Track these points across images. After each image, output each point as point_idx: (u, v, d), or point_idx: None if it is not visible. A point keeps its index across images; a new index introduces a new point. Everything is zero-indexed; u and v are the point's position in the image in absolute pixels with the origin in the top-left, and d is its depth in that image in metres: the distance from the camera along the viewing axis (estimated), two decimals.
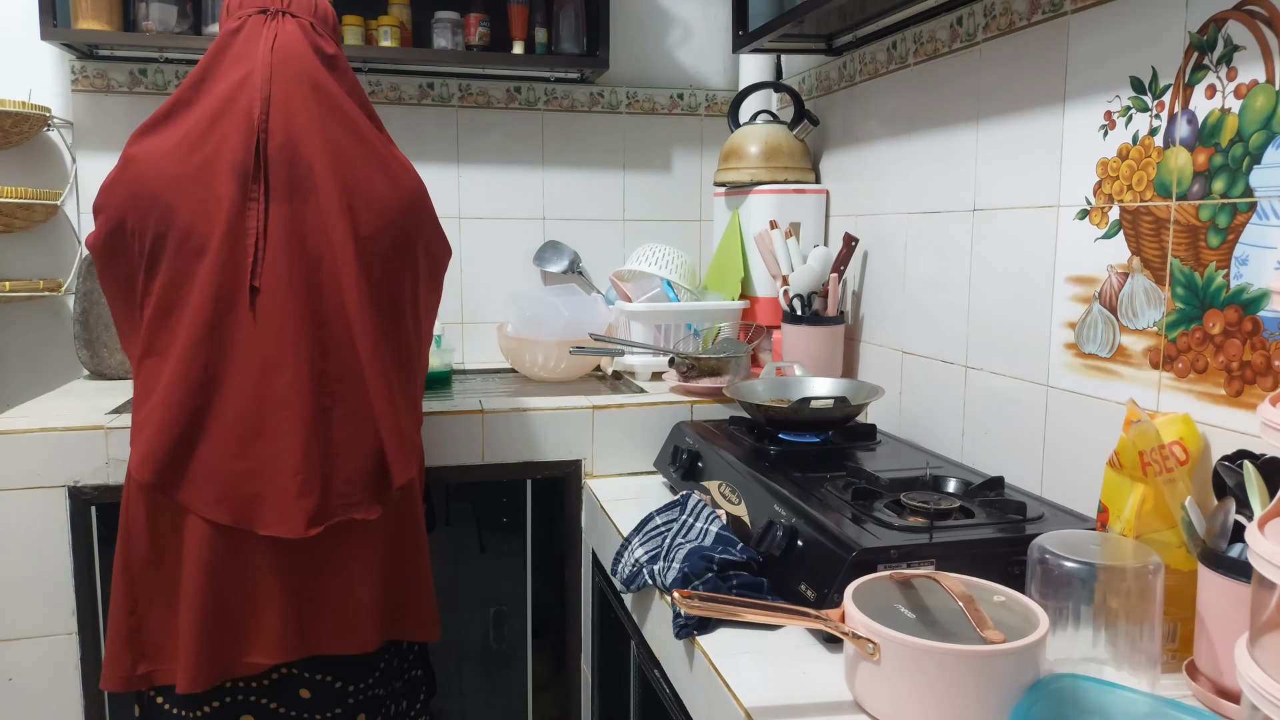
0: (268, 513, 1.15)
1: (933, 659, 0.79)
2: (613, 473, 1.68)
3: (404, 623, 1.29)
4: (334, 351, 1.18)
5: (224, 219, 1.15)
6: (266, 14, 1.24)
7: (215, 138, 1.18)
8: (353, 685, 1.28)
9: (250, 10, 1.25)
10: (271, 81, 1.19)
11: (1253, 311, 0.96)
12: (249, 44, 1.23)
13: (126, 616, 1.20)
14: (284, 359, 1.15)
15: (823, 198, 1.93)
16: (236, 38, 1.24)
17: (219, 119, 1.18)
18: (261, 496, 1.15)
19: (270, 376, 1.15)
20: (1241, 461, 0.85)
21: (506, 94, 2.16)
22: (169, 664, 1.20)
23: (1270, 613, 0.65)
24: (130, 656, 1.20)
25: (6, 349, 1.98)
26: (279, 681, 1.24)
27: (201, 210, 1.16)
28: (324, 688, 1.26)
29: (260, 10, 1.24)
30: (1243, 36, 0.97)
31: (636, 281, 2.09)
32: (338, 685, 1.27)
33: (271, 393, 1.15)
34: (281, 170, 1.17)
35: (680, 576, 1.09)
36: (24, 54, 1.92)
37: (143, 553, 1.19)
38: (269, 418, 1.15)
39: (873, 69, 1.73)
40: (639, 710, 1.35)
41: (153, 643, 1.20)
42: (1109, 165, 1.15)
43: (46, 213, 1.92)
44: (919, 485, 1.23)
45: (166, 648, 1.20)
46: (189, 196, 1.16)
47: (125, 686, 1.21)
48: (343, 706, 1.28)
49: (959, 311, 1.46)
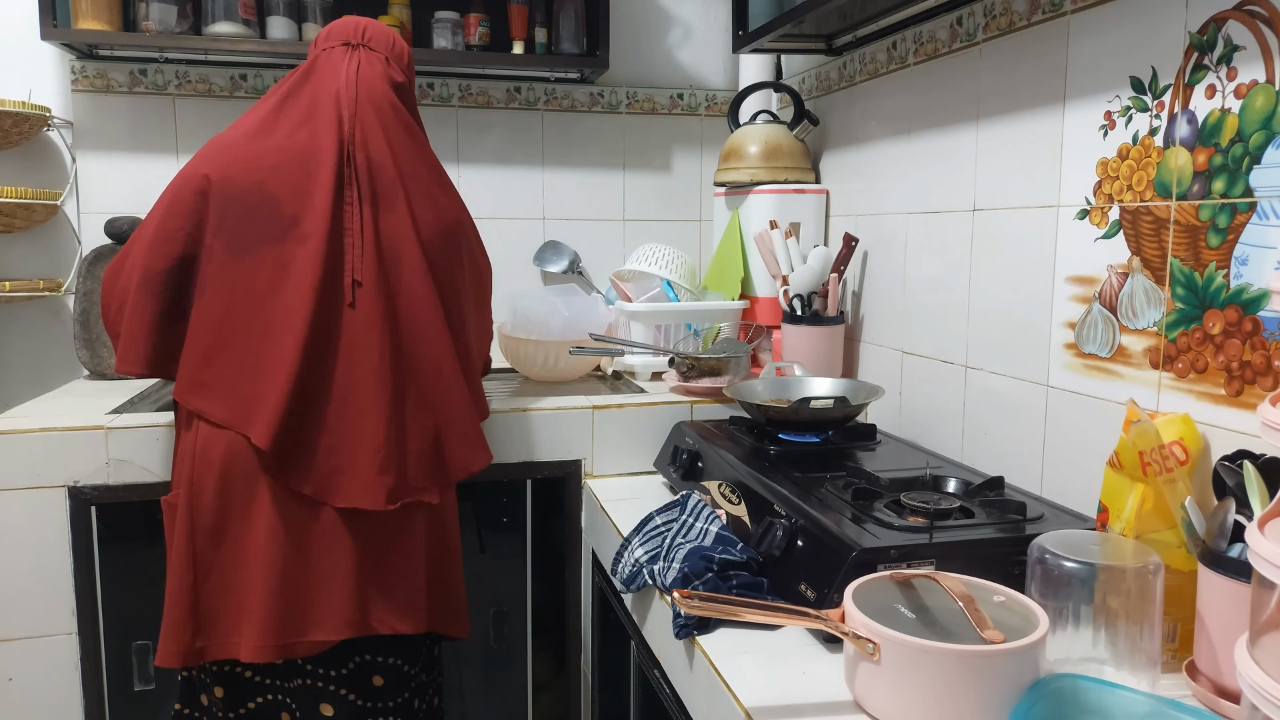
0: (347, 485, 1.23)
1: (933, 659, 0.79)
2: (613, 473, 1.68)
3: (441, 616, 1.36)
4: (408, 345, 1.29)
5: (325, 214, 1.26)
6: (349, 46, 1.39)
7: (311, 142, 1.29)
8: (412, 669, 1.36)
9: (335, 42, 1.40)
10: (357, 102, 1.33)
11: (1253, 311, 0.96)
12: (334, 68, 1.36)
13: (190, 589, 1.23)
14: (371, 346, 1.26)
15: (823, 198, 1.93)
16: (319, 64, 1.38)
17: (314, 130, 1.31)
18: (342, 470, 1.24)
19: (359, 361, 1.25)
20: (1241, 461, 0.85)
21: (506, 94, 2.16)
22: (225, 638, 1.23)
23: (1270, 613, 0.65)
24: (190, 630, 1.23)
25: (6, 349, 1.98)
26: (355, 670, 1.31)
27: (305, 201, 1.26)
28: (394, 672, 1.33)
29: (344, 43, 1.39)
30: (1243, 36, 0.97)
31: (636, 281, 2.09)
32: (405, 669, 1.34)
33: (360, 375, 1.25)
34: (367, 180, 1.30)
35: (680, 576, 1.09)
36: (24, 54, 1.92)
37: (208, 525, 1.23)
38: (355, 398, 1.25)
39: (873, 69, 1.73)
40: (639, 710, 1.35)
41: (209, 616, 1.24)
42: (1109, 165, 1.15)
43: (46, 213, 1.92)
44: (919, 485, 1.22)
45: (221, 622, 1.24)
46: (292, 185, 1.27)
47: (183, 662, 1.23)
48: (408, 691, 1.35)
49: (959, 311, 1.46)
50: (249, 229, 1.25)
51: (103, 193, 1.97)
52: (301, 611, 1.23)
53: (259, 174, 1.27)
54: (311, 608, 1.24)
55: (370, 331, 1.26)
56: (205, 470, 1.23)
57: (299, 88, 1.36)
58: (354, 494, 1.23)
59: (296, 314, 1.22)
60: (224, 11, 1.89)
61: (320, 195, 1.26)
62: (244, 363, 1.24)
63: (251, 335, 1.24)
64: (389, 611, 1.28)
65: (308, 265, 1.24)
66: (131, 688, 1.52)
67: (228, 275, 1.25)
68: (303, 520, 1.23)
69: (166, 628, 1.23)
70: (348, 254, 1.27)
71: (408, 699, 1.36)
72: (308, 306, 1.23)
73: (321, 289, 1.24)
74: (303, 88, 1.36)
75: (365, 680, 1.32)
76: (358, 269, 1.27)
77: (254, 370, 1.23)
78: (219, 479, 1.22)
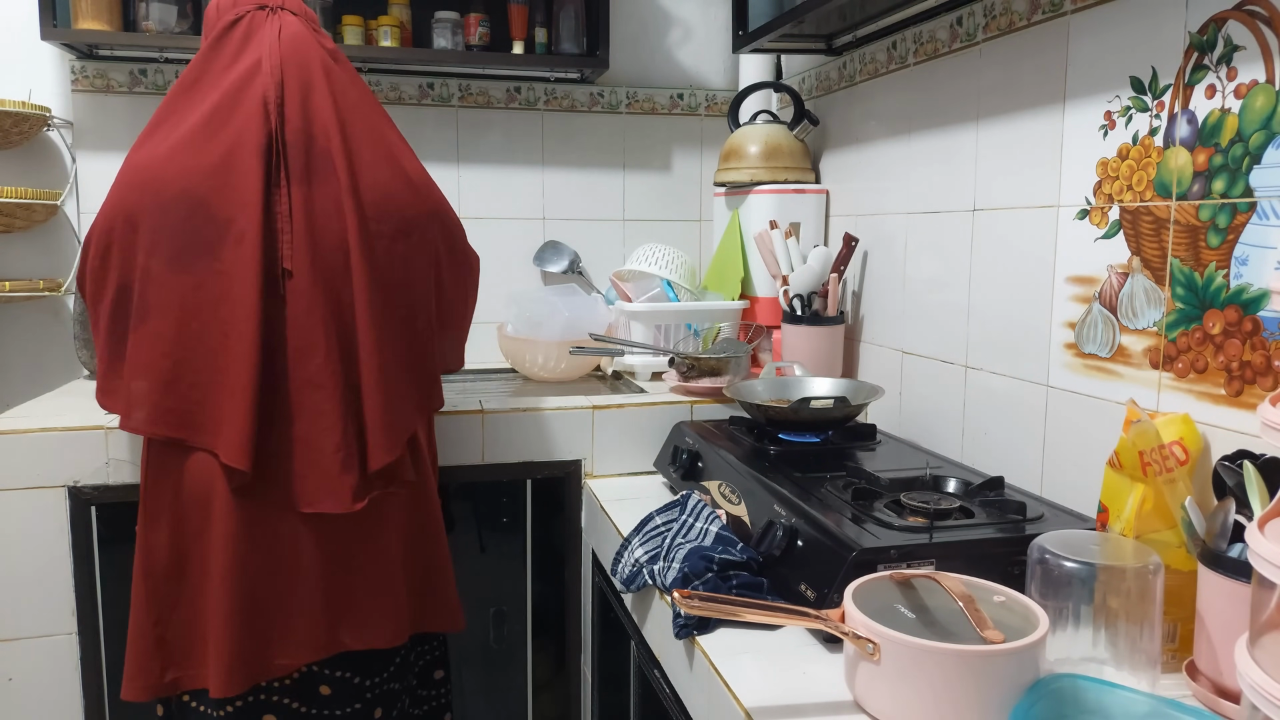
0: (311, 490, 1.17)
1: (933, 659, 0.79)
2: (613, 473, 1.68)
3: (428, 614, 1.31)
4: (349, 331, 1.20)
5: (256, 204, 1.16)
6: (266, 9, 1.25)
7: (234, 126, 1.19)
8: (369, 680, 1.29)
9: (248, 7, 1.25)
10: (283, 67, 1.20)
11: (1253, 311, 0.96)
12: (252, 36, 1.23)
13: (152, 626, 1.20)
14: (316, 340, 1.17)
15: (823, 198, 1.93)
16: (234, 31, 1.24)
17: (234, 108, 1.19)
18: (304, 475, 1.17)
19: (305, 358, 1.17)
20: (1241, 461, 0.85)
21: (506, 94, 2.16)
22: (197, 669, 1.20)
23: (1270, 613, 0.65)
24: (158, 665, 1.20)
25: (6, 349, 1.98)
26: (300, 680, 1.25)
27: (235, 198, 1.17)
28: (343, 684, 1.27)
29: (259, 6, 1.25)
30: (1243, 36, 0.97)
31: (636, 281, 2.09)
32: (356, 680, 1.28)
33: (307, 374, 1.17)
34: (299, 154, 1.19)
35: (680, 576, 1.09)
36: (24, 54, 1.92)
37: (164, 557, 1.19)
38: (307, 398, 1.17)
39: (873, 69, 1.73)
40: (639, 710, 1.35)
41: (179, 649, 1.20)
42: (1109, 165, 1.15)
43: (46, 213, 1.92)
44: (919, 485, 1.22)
45: (193, 653, 1.20)
46: (219, 185, 1.17)
47: (151, 695, 1.21)
48: (361, 701, 1.28)
49: (959, 311, 1.46)
50: (184, 241, 1.16)
51: (102, 193, 1.94)
52: (267, 638, 1.18)
53: (182, 181, 1.17)
54: (278, 632, 1.19)
55: (312, 325, 1.17)
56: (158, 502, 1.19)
57: (210, 64, 1.24)
58: (319, 498, 1.17)
59: (245, 321, 1.15)
60: None
61: (249, 186, 1.16)
62: (203, 380, 1.17)
63: (207, 351, 1.16)
64: (359, 628, 1.22)
65: (247, 267, 1.15)
66: None
67: (173, 293, 1.17)
68: (263, 537, 1.17)
69: (132, 663, 1.20)
70: (279, 241, 1.17)
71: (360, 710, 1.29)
72: (254, 312, 1.14)
73: (265, 289, 1.16)
74: (217, 64, 1.23)
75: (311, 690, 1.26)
76: (287, 257, 1.17)
77: (215, 387, 1.16)
78: (172, 510, 1.18)
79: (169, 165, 1.19)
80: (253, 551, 1.17)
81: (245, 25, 1.25)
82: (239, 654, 1.16)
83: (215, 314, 1.16)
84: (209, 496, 1.17)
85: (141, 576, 1.20)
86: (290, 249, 1.17)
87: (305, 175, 1.19)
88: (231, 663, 1.16)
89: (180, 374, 1.17)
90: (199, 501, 1.17)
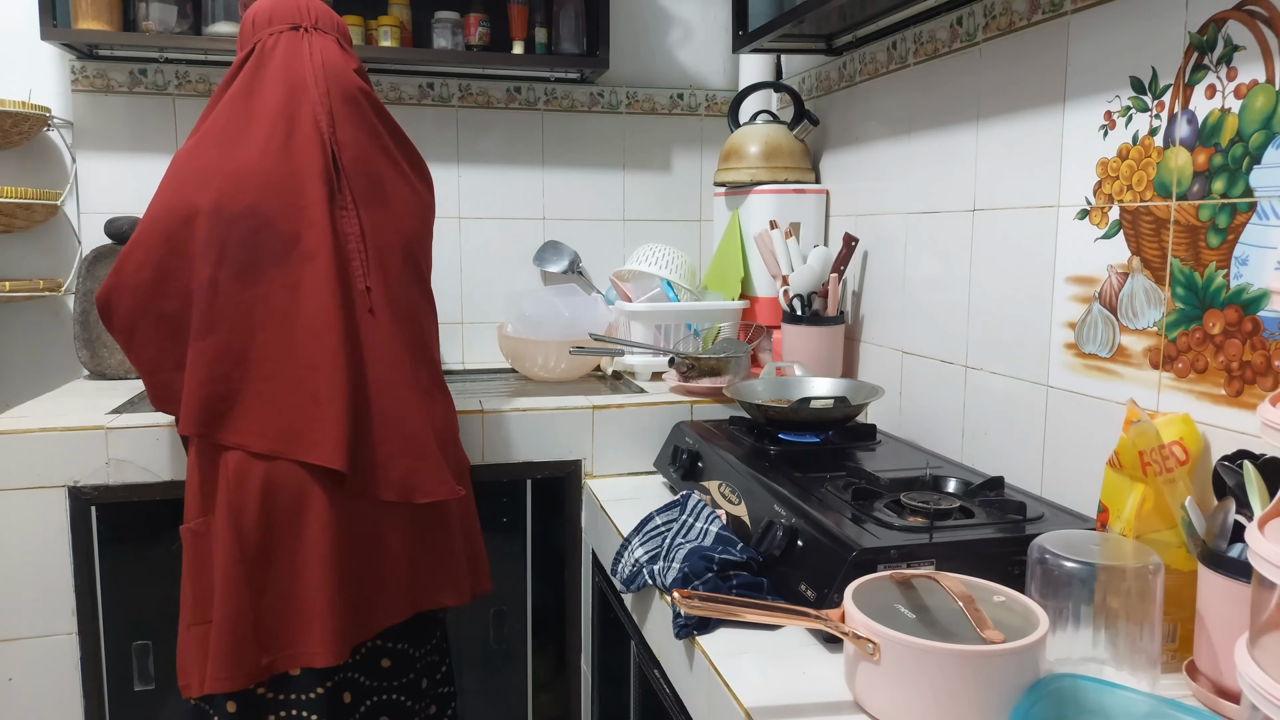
0: (426, 483, 1.28)
1: (933, 659, 0.79)
2: (613, 473, 1.68)
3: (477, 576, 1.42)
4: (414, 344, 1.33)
5: (325, 226, 1.24)
6: (299, 30, 1.31)
7: (293, 151, 1.25)
8: (419, 649, 1.39)
9: (281, 27, 1.31)
10: (330, 97, 1.28)
11: (1253, 311, 0.96)
12: (290, 58, 1.29)
13: (247, 611, 1.23)
14: (400, 350, 1.30)
15: (823, 198, 1.93)
16: (275, 53, 1.30)
17: (291, 135, 1.26)
18: (416, 471, 1.28)
19: (393, 365, 1.29)
20: (1241, 461, 0.85)
21: (506, 94, 2.16)
22: (294, 649, 1.24)
23: (1270, 613, 0.65)
24: (255, 650, 1.23)
25: (6, 349, 1.98)
26: (366, 655, 1.33)
27: (300, 216, 1.24)
28: (401, 655, 1.37)
29: (292, 26, 1.31)
30: (1243, 36, 0.97)
31: (636, 281, 2.09)
32: (410, 651, 1.37)
33: (399, 380, 1.29)
34: (359, 179, 1.29)
35: (680, 576, 1.09)
36: (24, 54, 1.92)
37: (254, 549, 1.22)
38: (394, 402, 1.28)
39: (873, 69, 1.73)
40: (639, 710, 1.35)
41: (272, 632, 1.24)
42: (1109, 165, 1.15)
43: (46, 213, 1.92)
44: (919, 485, 1.23)
45: (283, 634, 1.24)
46: (285, 204, 1.24)
47: (247, 682, 1.23)
48: (413, 671, 1.39)
49: (959, 311, 1.46)
50: (251, 255, 1.23)
51: (103, 193, 1.97)
52: (367, 606, 1.27)
53: (249, 196, 1.23)
54: (375, 600, 1.28)
55: (391, 335, 1.29)
56: (245, 497, 1.22)
57: (255, 83, 1.29)
58: (434, 489, 1.29)
59: (327, 334, 1.22)
60: (224, 11, 1.89)
61: (315, 207, 1.24)
62: (280, 391, 1.22)
63: (280, 362, 1.22)
64: (439, 589, 1.34)
65: (322, 283, 1.23)
66: (131, 688, 1.52)
67: (240, 306, 1.22)
68: (354, 523, 1.25)
69: (224, 652, 1.22)
70: (354, 261, 1.27)
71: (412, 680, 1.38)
72: (337, 325, 1.23)
73: (343, 304, 1.24)
74: (260, 82, 1.29)
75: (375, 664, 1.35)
76: (367, 274, 1.28)
77: (294, 397, 1.22)
78: (261, 503, 1.22)
79: (231, 174, 1.24)
80: (345, 539, 1.25)
81: (284, 47, 1.30)
82: (343, 625, 1.24)
83: (283, 327, 1.23)
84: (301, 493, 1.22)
85: (231, 561, 1.22)
86: (365, 268, 1.28)
87: (367, 200, 1.29)
88: (336, 634, 1.23)
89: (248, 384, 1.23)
90: (291, 497, 1.22)
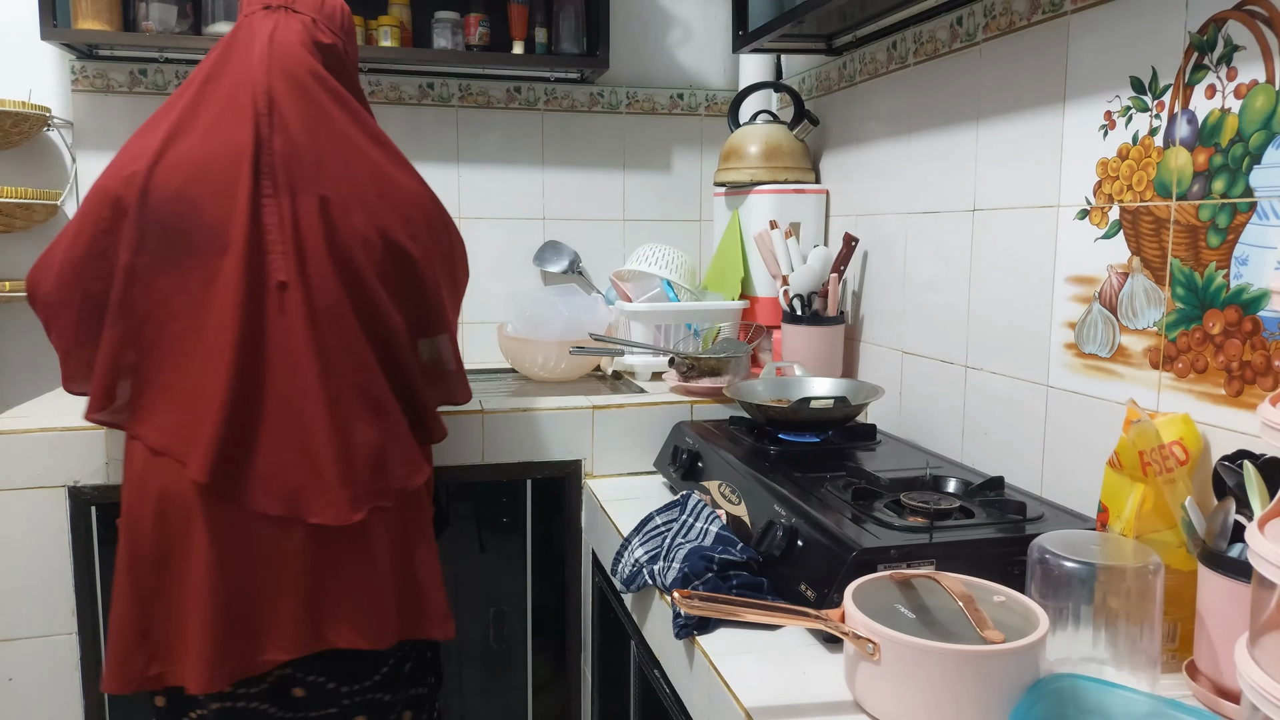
0: (316, 501, 1.17)
1: (933, 659, 0.79)
2: (613, 473, 1.68)
3: (418, 620, 1.28)
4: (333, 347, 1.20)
5: (244, 215, 1.16)
6: (270, 9, 1.26)
7: (229, 134, 1.18)
8: (347, 687, 1.28)
9: (255, 7, 1.27)
10: (270, 75, 1.20)
11: (1253, 311, 0.96)
12: (250, 40, 1.24)
13: (138, 617, 1.19)
14: (307, 353, 1.17)
15: (823, 198, 1.93)
16: (240, 34, 1.25)
17: (232, 117, 1.19)
18: (306, 486, 1.17)
19: (298, 371, 1.17)
20: (1241, 461, 0.85)
21: (506, 94, 2.16)
22: (178, 664, 1.19)
23: (1270, 613, 0.65)
24: (142, 658, 1.19)
25: (6, 349, 1.98)
26: (276, 683, 1.24)
27: (227, 205, 1.16)
28: (317, 688, 1.26)
29: (264, 6, 1.26)
30: (1243, 36, 0.97)
31: (636, 281, 2.09)
32: (331, 686, 1.26)
33: (302, 386, 1.17)
34: (284, 166, 1.19)
35: (680, 576, 1.09)
36: (24, 54, 1.92)
37: (149, 554, 1.18)
38: (302, 410, 1.17)
39: (873, 69, 1.73)
40: (639, 710, 1.35)
41: (162, 643, 1.20)
42: (1109, 165, 1.15)
43: (46, 213, 1.92)
44: (919, 485, 1.22)
45: (175, 647, 1.19)
46: (214, 191, 1.17)
47: (134, 688, 1.20)
48: (337, 708, 1.27)
49: (959, 311, 1.46)
50: (172, 243, 1.16)
51: None
52: (249, 635, 1.17)
53: (179, 181, 1.17)
54: (260, 629, 1.18)
55: (303, 338, 1.17)
56: (142, 498, 1.18)
57: (219, 67, 1.23)
58: (323, 509, 1.16)
59: (223, 331, 1.14)
60: (224, 11, 1.89)
61: (240, 194, 1.16)
62: (179, 387, 1.17)
63: (184, 356, 1.16)
64: (348, 625, 1.21)
65: (232, 274, 1.14)
66: None
67: (156, 294, 1.16)
68: (245, 541, 1.17)
69: (115, 654, 1.19)
70: (271, 254, 1.16)
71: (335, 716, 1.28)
72: (233, 324, 1.14)
73: (246, 301, 1.15)
74: (223, 67, 1.23)
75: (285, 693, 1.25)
76: (280, 269, 1.16)
77: (189, 394, 1.16)
78: (156, 506, 1.16)
79: (168, 158, 1.18)
80: (235, 551, 1.16)
81: (249, 27, 1.25)
82: (219, 651, 1.15)
83: (194, 321, 1.16)
84: (193, 500, 1.16)
85: (125, 569, 1.19)
86: (282, 261, 1.17)
87: (290, 187, 1.18)
88: (211, 659, 1.15)
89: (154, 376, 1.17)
90: (183, 500, 1.16)
